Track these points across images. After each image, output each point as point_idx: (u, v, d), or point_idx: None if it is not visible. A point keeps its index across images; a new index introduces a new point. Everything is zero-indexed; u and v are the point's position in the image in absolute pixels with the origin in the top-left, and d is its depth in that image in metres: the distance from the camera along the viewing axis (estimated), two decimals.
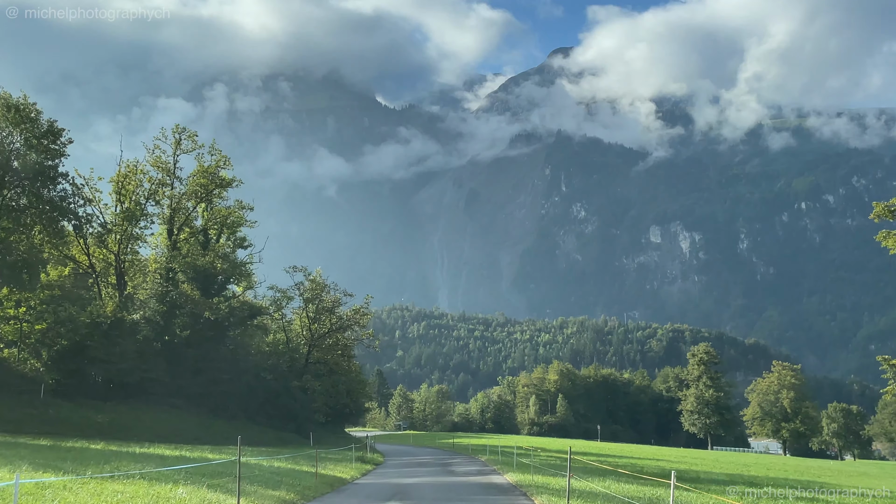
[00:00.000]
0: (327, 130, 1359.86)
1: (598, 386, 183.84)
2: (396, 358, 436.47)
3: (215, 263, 74.89)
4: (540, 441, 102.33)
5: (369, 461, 53.45)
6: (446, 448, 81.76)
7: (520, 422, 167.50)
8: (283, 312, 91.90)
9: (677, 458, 74.88)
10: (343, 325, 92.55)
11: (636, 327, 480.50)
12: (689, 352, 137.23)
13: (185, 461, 34.64)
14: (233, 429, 65.03)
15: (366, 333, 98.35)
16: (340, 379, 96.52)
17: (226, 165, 76.39)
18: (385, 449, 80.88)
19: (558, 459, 55.62)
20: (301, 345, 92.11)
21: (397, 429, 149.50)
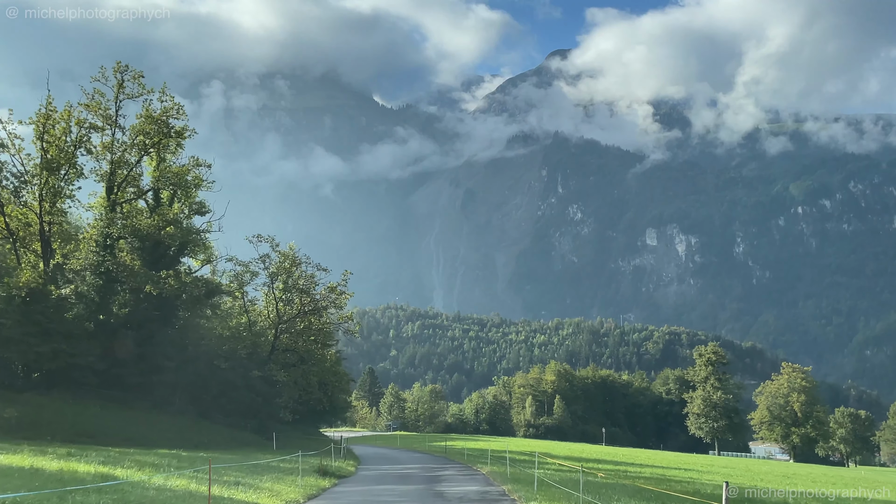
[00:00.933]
0: (324, 129, 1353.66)
1: (596, 387, 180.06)
2: (390, 357, 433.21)
3: (165, 230, 62.35)
4: (541, 445, 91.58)
5: (333, 473, 41.97)
6: (438, 453, 71.09)
7: (515, 423, 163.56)
8: (245, 291, 77.30)
9: (705, 466, 68.20)
10: (317, 307, 78.09)
11: (632, 329, 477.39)
12: (695, 352, 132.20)
13: (60, 481, 23.89)
14: (178, 427, 56.65)
15: (343, 316, 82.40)
16: (313, 370, 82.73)
17: (178, 115, 63.57)
18: (365, 453, 71.28)
19: (573, 471, 43.78)
20: (266, 329, 79.53)
21: (387, 429, 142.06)
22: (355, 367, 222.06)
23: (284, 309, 77.38)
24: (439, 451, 73.60)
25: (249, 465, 38.41)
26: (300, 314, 77.21)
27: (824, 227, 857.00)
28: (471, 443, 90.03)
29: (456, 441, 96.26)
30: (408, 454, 70.24)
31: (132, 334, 59.95)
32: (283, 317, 77.07)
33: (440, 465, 54.18)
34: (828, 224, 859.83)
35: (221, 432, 61.88)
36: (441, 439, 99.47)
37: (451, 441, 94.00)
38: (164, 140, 63.60)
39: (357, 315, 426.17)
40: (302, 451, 43.44)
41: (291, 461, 43.45)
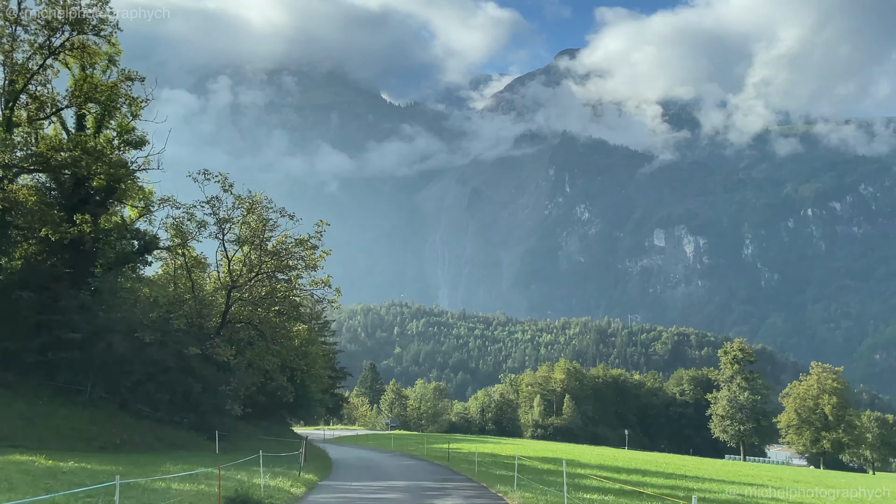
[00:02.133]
0: (331, 126, 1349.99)
1: (607, 387, 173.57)
2: (394, 355, 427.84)
3: (84, 162, 45.79)
4: (558, 449, 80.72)
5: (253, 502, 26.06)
6: (439, 459, 55.18)
7: (523, 423, 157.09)
8: (189, 245, 58.10)
9: (772, 478, 59.87)
10: (281, 266, 58.79)
11: (640, 329, 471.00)
12: (720, 350, 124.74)
13: None
14: (85, 422, 43.15)
15: (317, 281, 61.41)
16: (273, 349, 60.07)
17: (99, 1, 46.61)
18: (346, 458, 56.19)
19: (638, 494, 32.92)
20: (214, 295, 61.06)
21: (386, 428, 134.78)
22: (358, 363, 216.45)
23: (239, 269, 58.42)
24: (441, 456, 57.79)
25: (125, 482, 23.41)
26: (258, 275, 58.24)
27: (834, 230, 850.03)
28: (478, 445, 75.86)
29: (461, 443, 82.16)
30: (400, 461, 54.86)
31: (28, 298, 45.73)
32: (237, 279, 58.08)
33: (440, 482, 38.50)
34: (837, 227, 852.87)
35: (146, 429, 47.67)
36: (444, 440, 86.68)
37: (455, 443, 78.05)
38: (78, 35, 46.91)
39: (362, 312, 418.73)
40: (245, 458, 35.80)
41: (197, 480, 29.02)
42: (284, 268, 59.09)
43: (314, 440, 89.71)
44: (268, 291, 59.09)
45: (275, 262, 58.69)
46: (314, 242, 58.81)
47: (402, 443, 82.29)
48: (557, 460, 49.75)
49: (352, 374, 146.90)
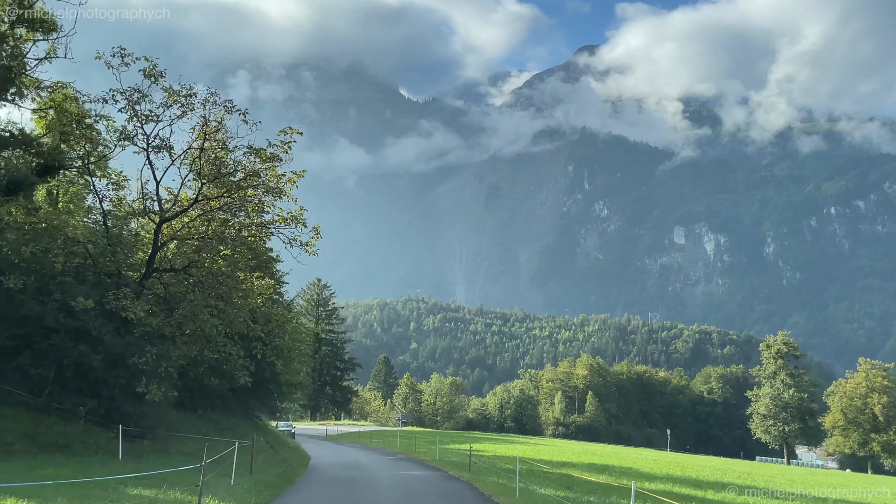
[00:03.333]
0: (349, 121, 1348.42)
1: (631, 384, 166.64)
2: (410, 350, 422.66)
3: None
4: (599, 452, 66.66)
5: None
6: (456, 467, 41.95)
7: (543, 421, 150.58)
8: (103, 156, 39.19)
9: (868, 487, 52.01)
10: (229, 188, 39.05)
11: (661, 327, 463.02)
12: (763, 343, 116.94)
13: None
14: None
15: (284, 217, 40.08)
16: (217, 306, 38.46)
17: None
18: (334, 461, 45.65)
19: None
20: (139, 231, 42.62)
21: (398, 424, 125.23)
22: (373, 359, 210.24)
23: (173, 198, 39.02)
24: (459, 463, 43.93)
25: None
26: (200, 201, 38.45)
27: (857, 229, 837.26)
28: (502, 446, 63.82)
29: (482, 443, 68.21)
30: (402, 470, 41.08)
31: None
32: (168, 209, 38.68)
33: None
34: (861, 225, 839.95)
35: (17, 423, 31.14)
36: (461, 439, 74.27)
37: (476, 443, 64.47)
38: None
39: (378, 307, 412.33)
40: (159, 468, 26.36)
41: None
42: (234, 190, 37.95)
43: (313, 437, 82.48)
44: (217, 227, 38.04)
45: (221, 184, 38.43)
46: (277, 153, 38.50)
47: (410, 442, 66.99)
48: (609, 469, 40.69)
49: (362, 366, 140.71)
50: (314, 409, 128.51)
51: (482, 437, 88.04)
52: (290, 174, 36.33)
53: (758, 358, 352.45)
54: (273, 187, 35.49)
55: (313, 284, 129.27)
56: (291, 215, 37.04)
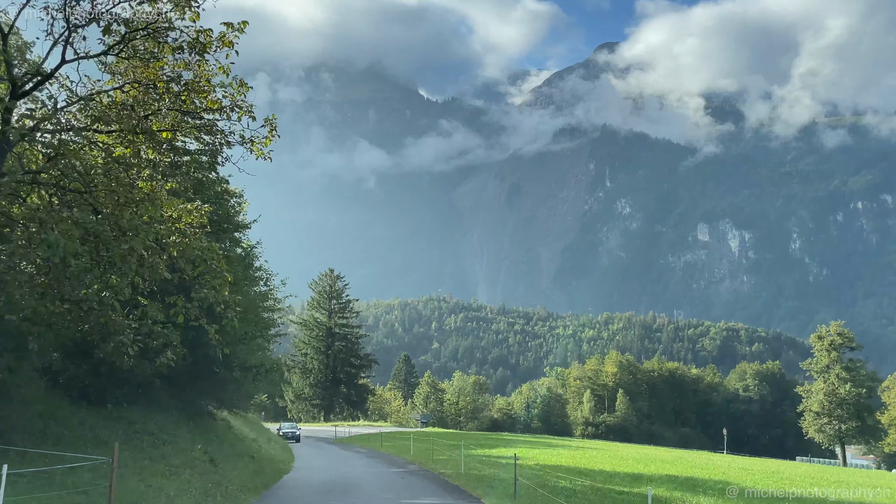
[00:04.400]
0: (368, 122, 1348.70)
1: (663, 382, 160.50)
2: (432, 350, 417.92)
3: None
4: (654, 457, 54.03)
5: None
6: (487, 480, 32.41)
7: (572, 420, 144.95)
8: None
9: None
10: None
11: (687, 325, 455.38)
12: (814, 334, 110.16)
13: None
14: None
15: (215, 104, 18.60)
16: (84, 220, 16.89)
17: None
18: (316, 479, 34.80)
19: None
20: None
21: (419, 425, 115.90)
22: (395, 359, 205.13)
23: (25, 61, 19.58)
24: (492, 479, 32.88)
25: None
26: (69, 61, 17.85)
27: (885, 224, 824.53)
28: (541, 451, 51.40)
29: (516, 446, 54.40)
30: (402, 497, 28.71)
31: None
32: (23, 76, 17.90)
33: None
34: (889, 220, 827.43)
35: None
36: (489, 442, 63.51)
37: (507, 447, 53.53)
38: None
39: (399, 306, 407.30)
40: None
41: None
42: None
43: (321, 440, 75.68)
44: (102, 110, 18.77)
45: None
46: None
47: (428, 447, 52.64)
48: (703, 486, 30.52)
49: (379, 362, 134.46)
50: (327, 408, 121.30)
51: (513, 439, 76.57)
52: (224, 28, 17.95)
53: (785, 355, 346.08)
54: (192, 43, 18.08)
55: (325, 275, 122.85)
56: (230, 99, 19.64)
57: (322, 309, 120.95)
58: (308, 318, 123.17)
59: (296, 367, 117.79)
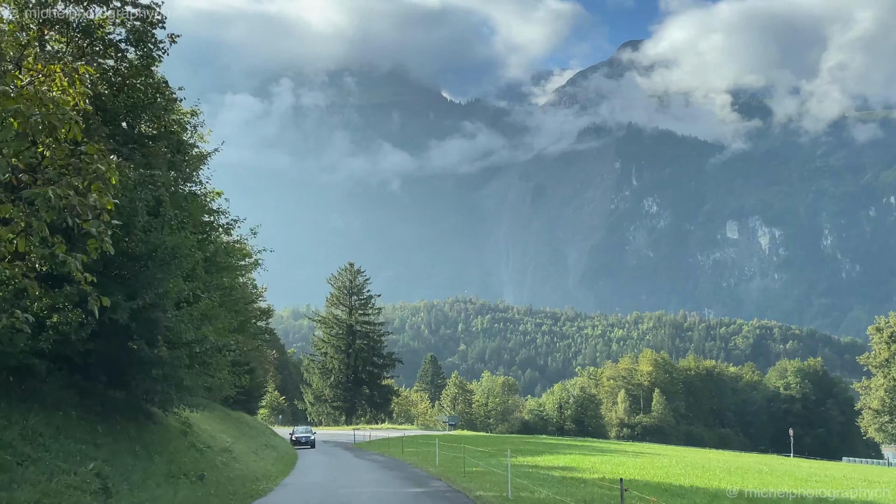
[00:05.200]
0: (392, 125, 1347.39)
1: (701, 381, 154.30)
2: (459, 352, 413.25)
3: None
4: (719, 464, 47.37)
5: None
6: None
7: (607, 421, 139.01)
8: None
9: None
10: None
11: (719, 323, 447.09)
12: (872, 326, 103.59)
13: None
14: None
15: None
16: None
17: None
18: (312, 497, 27.70)
19: None
20: None
21: (446, 427, 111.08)
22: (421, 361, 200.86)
23: None
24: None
25: None
26: None
27: None
28: (594, 458, 43.46)
29: (561, 453, 48.55)
30: None
31: None
32: None
33: None
34: None
35: None
36: (527, 447, 54.60)
37: (549, 454, 47.24)
38: None
39: (425, 308, 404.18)
40: None
41: None
42: None
43: (338, 445, 69.20)
44: None
45: None
46: None
47: (457, 455, 43.10)
48: None
49: (403, 361, 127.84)
50: (349, 411, 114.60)
51: (554, 443, 67.95)
52: None
53: (820, 353, 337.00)
54: None
55: (345, 270, 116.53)
56: None
57: (342, 305, 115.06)
58: (327, 316, 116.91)
59: (315, 368, 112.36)
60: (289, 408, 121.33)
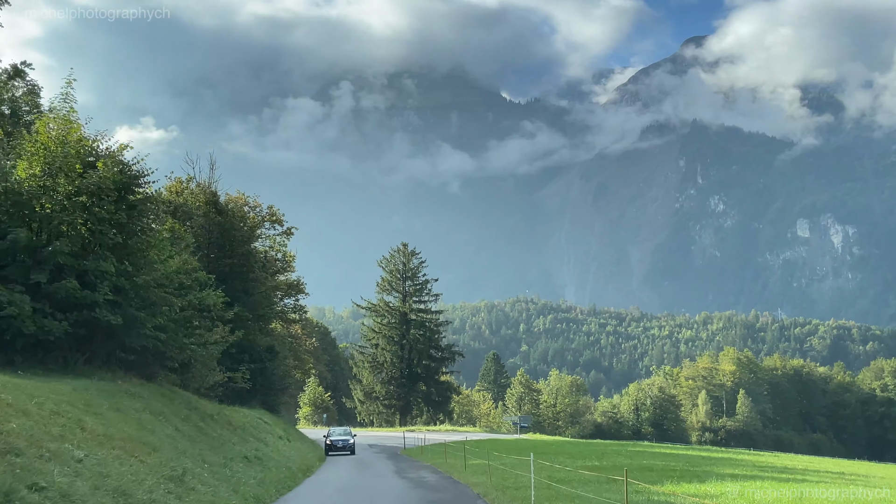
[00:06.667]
0: (451, 126, 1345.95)
1: (788, 381, 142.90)
2: (521, 353, 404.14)
3: None
4: None
5: None
6: None
7: (688, 425, 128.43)
8: None
9: None
10: None
11: (793, 324, 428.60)
12: None
13: None
14: None
15: None
16: None
17: None
18: None
19: None
20: None
21: (514, 430, 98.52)
22: (481, 362, 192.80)
23: None
24: None
25: None
26: None
27: None
28: (781, 489, 26.11)
29: (715, 477, 30.51)
30: None
31: None
32: None
33: None
34: None
35: None
36: (646, 461, 40.20)
37: (700, 480, 29.17)
38: None
39: (485, 308, 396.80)
40: None
41: None
42: None
43: (384, 450, 58.19)
44: None
45: None
46: None
47: (549, 478, 28.54)
48: None
49: (464, 355, 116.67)
50: (403, 410, 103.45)
51: (642, 449, 55.33)
52: None
53: None
54: None
55: (398, 251, 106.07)
56: None
57: (395, 291, 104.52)
58: (378, 303, 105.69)
59: (365, 361, 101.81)
60: (335, 406, 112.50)
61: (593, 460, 39.19)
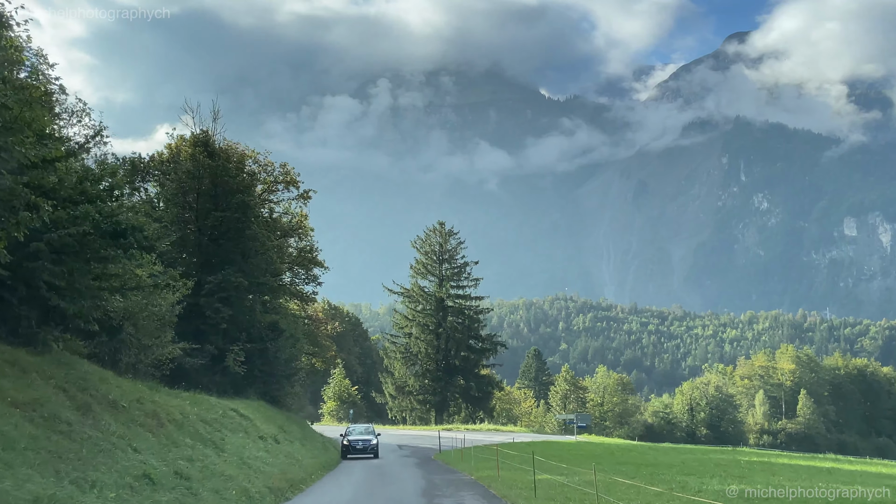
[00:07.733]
0: (489, 124, 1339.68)
1: (851, 382, 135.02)
2: (560, 351, 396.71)
3: None
4: None
5: None
6: None
7: (745, 427, 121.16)
8: None
9: None
10: None
11: (842, 324, 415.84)
12: None
13: None
14: None
15: None
16: None
17: None
18: None
19: None
20: None
21: (567, 429, 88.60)
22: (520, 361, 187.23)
23: None
24: None
25: None
26: None
27: None
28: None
29: None
30: None
31: None
32: None
33: None
34: None
35: None
36: (763, 475, 31.62)
37: None
38: None
39: (524, 306, 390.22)
40: None
41: None
42: None
43: (416, 453, 50.12)
44: None
45: None
46: None
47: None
48: None
49: (505, 345, 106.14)
50: (439, 406, 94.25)
51: (736, 457, 46.93)
52: None
53: None
54: None
55: (433, 230, 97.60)
56: None
57: (430, 275, 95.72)
58: (412, 287, 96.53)
59: (397, 352, 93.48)
60: (363, 402, 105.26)
61: (729, 481, 26.97)
